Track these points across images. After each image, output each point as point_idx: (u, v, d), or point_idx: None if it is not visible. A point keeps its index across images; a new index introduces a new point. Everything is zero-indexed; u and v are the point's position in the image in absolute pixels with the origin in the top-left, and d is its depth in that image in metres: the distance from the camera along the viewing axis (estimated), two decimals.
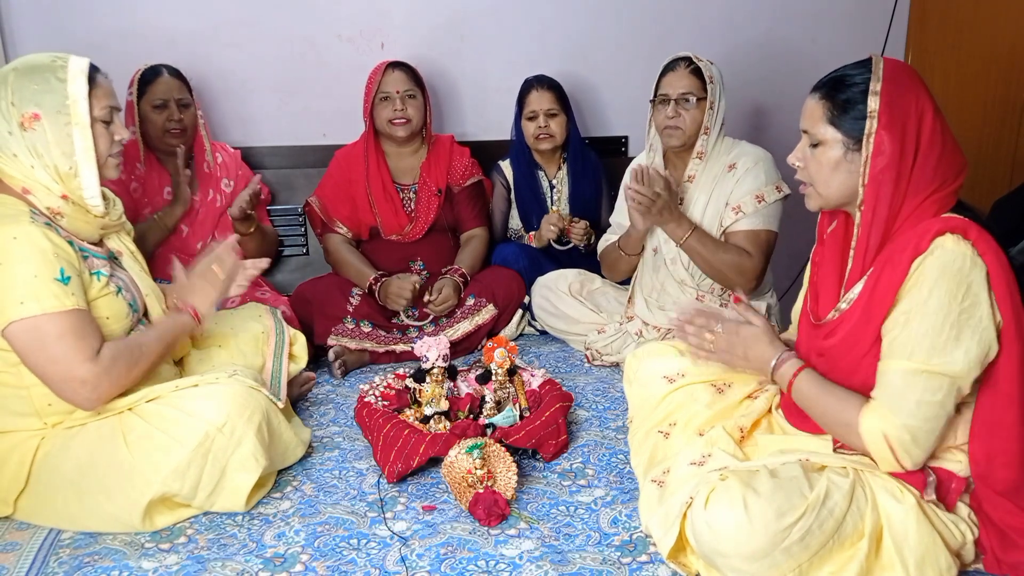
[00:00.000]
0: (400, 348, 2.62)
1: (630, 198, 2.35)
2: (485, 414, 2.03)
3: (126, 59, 2.63)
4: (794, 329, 1.78)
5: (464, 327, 2.68)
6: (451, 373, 2.10)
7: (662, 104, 2.42)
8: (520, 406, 2.07)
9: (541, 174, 3.01)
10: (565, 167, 3.00)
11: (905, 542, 1.37)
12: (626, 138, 3.32)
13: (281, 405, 1.89)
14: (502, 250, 2.94)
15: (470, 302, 2.73)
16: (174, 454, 1.64)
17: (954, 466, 1.46)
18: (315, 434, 2.10)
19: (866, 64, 1.46)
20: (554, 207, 2.98)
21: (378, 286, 2.69)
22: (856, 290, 1.47)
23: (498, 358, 2.10)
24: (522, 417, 2.02)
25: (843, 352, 1.49)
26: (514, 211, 3.05)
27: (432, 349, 2.05)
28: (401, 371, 2.29)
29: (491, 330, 2.73)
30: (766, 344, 1.57)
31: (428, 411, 2.01)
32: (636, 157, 2.69)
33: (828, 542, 1.36)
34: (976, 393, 1.42)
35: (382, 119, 2.78)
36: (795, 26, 3.32)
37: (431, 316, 2.71)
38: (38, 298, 1.57)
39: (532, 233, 2.97)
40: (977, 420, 1.43)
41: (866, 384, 1.46)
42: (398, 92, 2.74)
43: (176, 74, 2.69)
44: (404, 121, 2.76)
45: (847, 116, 1.44)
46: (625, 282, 2.72)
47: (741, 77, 3.11)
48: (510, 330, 2.78)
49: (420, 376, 2.07)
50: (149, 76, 2.64)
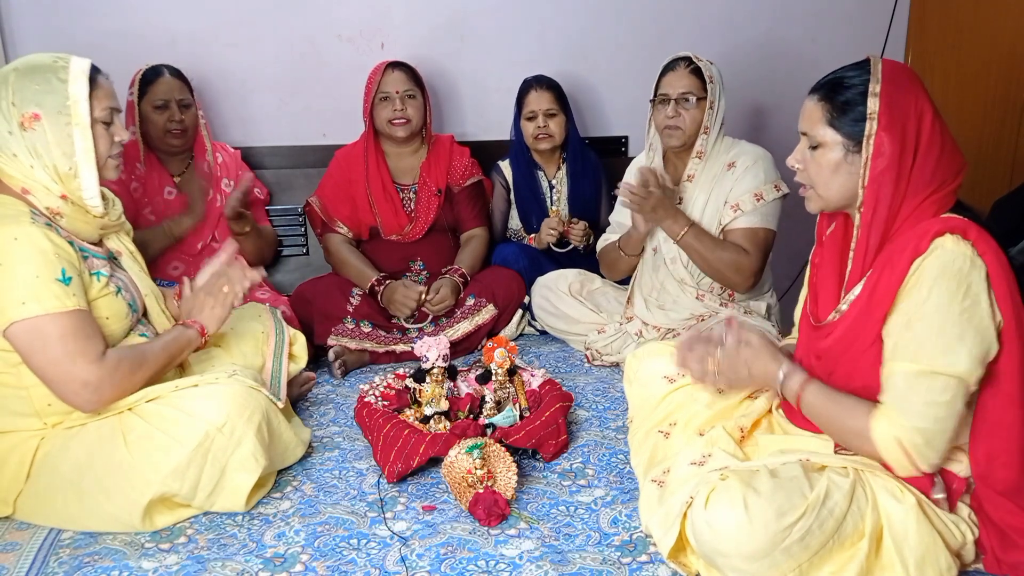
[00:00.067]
0: (400, 348, 2.62)
1: (622, 195, 2.36)
2: (485, 414, 2.03)
3: (126, 59, 2.63)
4: (796, 332, 1.78)
5: (464, 327, 2.68)
6: (451, 373, 2.10)
7: (662, 104, 2.42)
8: (520, 406, 2.07)
9: (540, 174, 3.01)
10: (564, 167, 3.00)
11: (905, 542, 1.37)
12: (626, 138, 3.32)
13: (281, 405, 1.88)
14: (502, 250, 2.94)
15: (470, 302, 2.73)
16: (174, 454, 1.63)
17: (955, 466, 1.46)
18: (315, 434, 2.10)
19: (864, 65, 1.46)
20: (553, 207, 2.98)
21: (381, 289, 2.69)
22: (856, 291, 1.47)
23: (498, 358, 2.10)
24: (522, 417, 2.02)
25: (842, 353, 1.49)
26: (514, 211, 3.05)
27: (432, 349, 2.05)
28: (401, 371, 2.29)
29: (491, 330, 2.73)
30: (768, 360, 1.56)
31: (428, 411, 2.01)
32: (636, 157, 2.69)
33: (828, 542, 1.36)
34: (977, 393, 1.42)
35: (382, 119, 2.78)
36: (795, 26, 3.32)
37: (430, 316, 2.71)
38: (39, 299, 1.57)
39: (532, 236, 2.97)
40: (978, 420, 1.43)
41: (867, 387, 1.46)
42: (398, 92, 2.74)
43: (177, 74, 2.69)
44: (404, 121, 2.76)
45: (846, 118, 1.44)
46: (625, 281, 2.72)
47: (741, 77, 3.11)
48: (510, 330, 2.78)
49: (420, 376, 2.07)
50: (150, 76, 2.64)
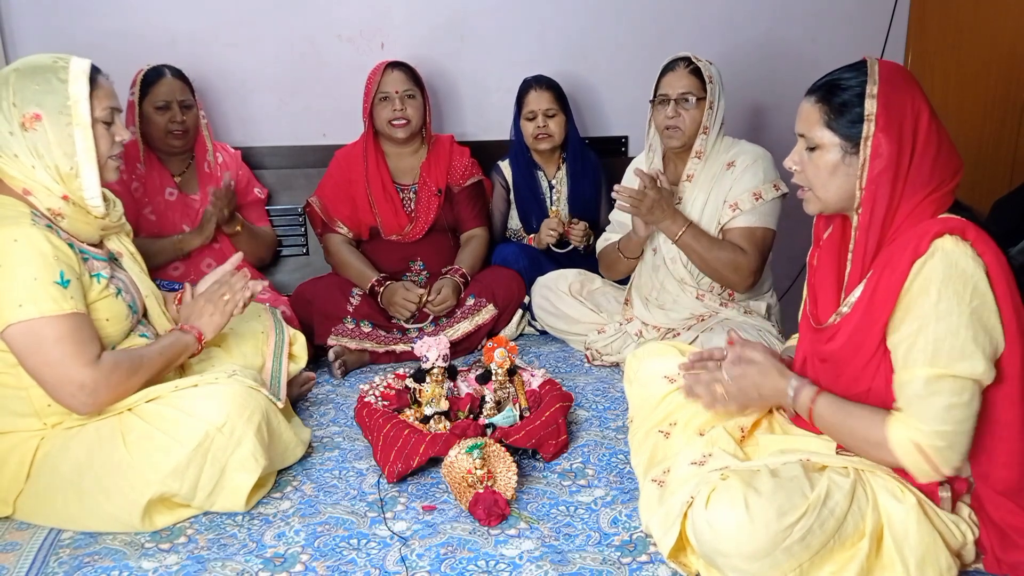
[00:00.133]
0: (400, 348, 2.62)
1: (617, 198, 2.36)
2: (485, 414, 2.03)
3: (126, 59, 2.63)
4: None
5: (464, 327, 2.68)
6: (451, 373, 2.10)
7: (662, 104, 2.42)
8: (520, 406, 2.07)
9: (540, 174, 3.01)
10: (564, 167, 3.00)
11: (906, 542, 1.37)
12: (626, 138, 3.32)
13: (281, 405, 1.89)
14: (502, 250, 2.94)
15: (470, 302, 2.72)
16: (174, 454, 1.63)
17: None
18: (315, 434, 2.10)
19: (860, 67, 1.45)
20: (553, 207, 2.98)
21: (382, 289, 2.69)
22: (856, 294, 1.47)
23: (498, 358, 2.10)
24: (522, 417, 2.02)
25: (846, 357, 1.48)
26: (513, 211, 3.05)
27: (432, 349, 2.05)
28: (401, 371, 2.29)
29: (491, 330, 2.73)
30: (776, 376, 1.55)
31: (428, 411, 2.01)
32: (636, 157, 2.69)
33: (829, 542, 1.36)
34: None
35: (382, 119, 2.78)
36: (795, 26, 3.32)
37: (431, 316, 2.71)
38: (36, 301, 1.57)
39: (532, 236, 2.97)
40: (978, 419, 1.42)
41: (872, 390, 1.46)
42: (397, 92, 2.74)
43: (179, 75, 2.68)
44: (404, 122, 2.76)
45: (844, 119, 1.44)
46: (625, 281, 2.72)
47: (741, 77, 3.11)
48: (510, 330, 2.78)
49: (420, 376, 2.07)
50: (152, 77, 2.63)
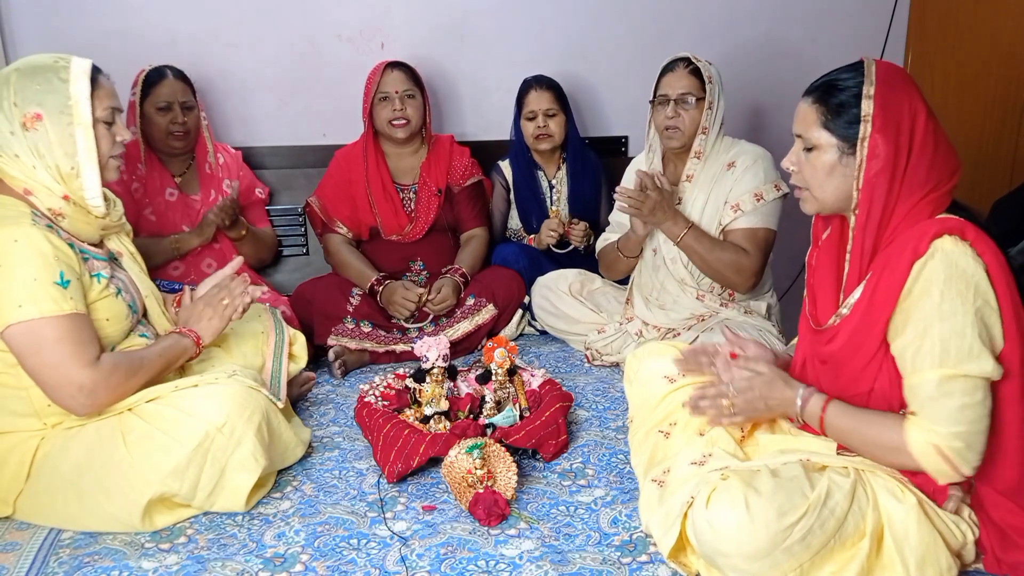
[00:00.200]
0: (400, 348, 2.62)
1: (619, 200, 2.36)
2: (485, 414, 2.03)
3: (126, 59, 2.63)
4: None
5: (464, 327, 2.68)
6: (451, 373, 2.10)
7: (661, 105, 2.42)
8: (520, 406, 2.07)
9: (540, 174, 3.01)
10: (564, 167, 3.00)
11: (906, 542, 1.37)
12: (626, 138, 3.32)
13: (281, 405, 1.89)
14: (502, 250, 2.94)
15: (470, 302, 2.72)
16: (174, 454, 1.63)
17: None
18: (315, 434, 2.10)
19: (857, 67, 1.46)
20: (553, 207, 2.98)
21: (381, 289, 2.69)
22: (856, 295, 1.47)
23: (498, 358, 2.10)
24: (522, 417, 2.02)
25: (847, 358, 1.48)
26: (513, 211, 3.05)
27: (432, 349, 2.05)
28: (401, 371, 2.29)
29: (491, 330, 2.73)
30: (782, 387, 1.55)
31: (428, 411, 2.01)
32: (635, 157, 2.69)
33: (829, 542, 1.36)
34: None
35: (381, 119, 2.78)
36: (795, 26, 3.32)
37: (431, 316, 2.71)
38: (36, 302, 1.57)
39: (532, 236, 2.97)
40: None
41: (873, 391, 1.46)
42: (397, 92, 2.74)
43: (181, 76, 2.68)
44: (404, 122, 2.76)
45: (840, 120, 1.44)
46: (625, 281, 2.72)
47: (741, 77, 3.11)
48: (510, 330, 2.78)
49: (420, 376, 2.07)
50: (154, 78, 2.63)
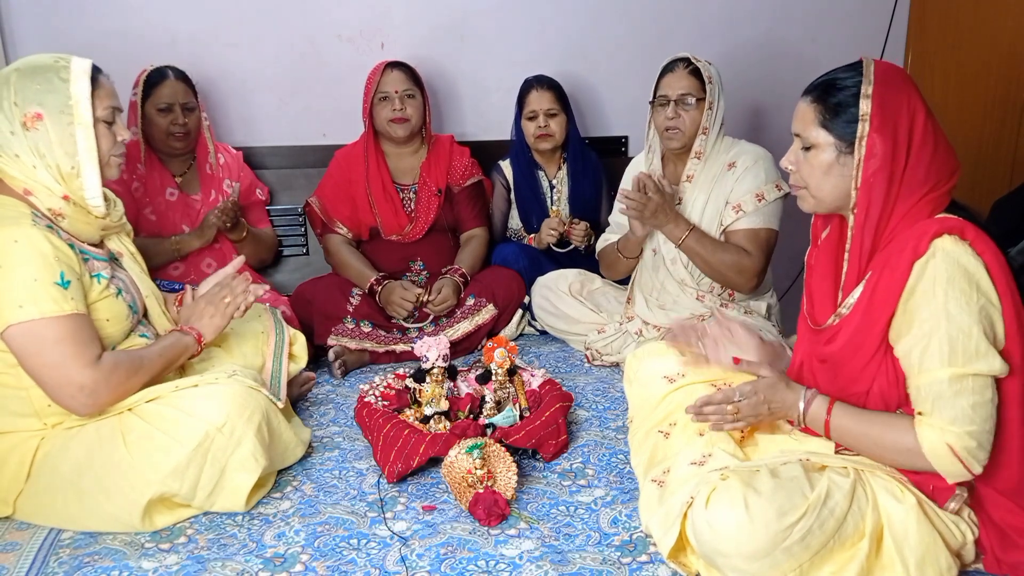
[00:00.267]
0: (400, 348, 2.62)
1: (620, 203, 2.36)
2: (485, 414, 2.03)
3: (126, 59, 2.63)
4: None
5: (464, 327, 2.68)
6: (451, 373, 2.11)
7: (661, 106, 2.42)
8: (520, 406, 2.07)
9: (541, 174, 3.01)
10: (565, 167, 3.00)
11: (905, 542, 1.37)
12: (626, 138, 3.32)
13: (281, 405, 1.88)
14: (502, 250, 2.94)
15: (470, 302, 2.72)
16: (174, 454, 1.63)
17: None
18: (315, 434, 2.10)
19: (857, 67, 1.46)
20: (554, 207, 2.98)
21: (380, 288, 2.69)
22: (855, 295, 1.47)
23: (498, 358, 2.10)
24: (522, 417, 2.02)
25: (846, 358, 1.48)
26: (514, 211, 3.05)
27: (432, 349, 2.05)
28: (401, 371, 2.29)
29: (491, 330, 2.73)
30: (784, 390, 1.54)
31: (428, 411, 2.01)
32: (635, 157, 2.69)
33: (829, 542, 1.36)
34: None
35: (381, 119, 2.78)
36: (795, 26, 3.32)
37: (431, 316, 2.71)
38: (37, 302, 1.57)
39: (532, 236, 2.97)
40: None
41: (871, 390, 1.46)
42: (397, 92, 2.74)
43: (182, 77, 2.68)
44: (403, 120, 2.76)
45: (839, 119, 1.44)
46: (625, 281, 2.72)
47: (741, 77, 3.11)
48: (510, 330, 2.78)
49: (420, 376, 2.07)
50: (155, 78, 2.63)
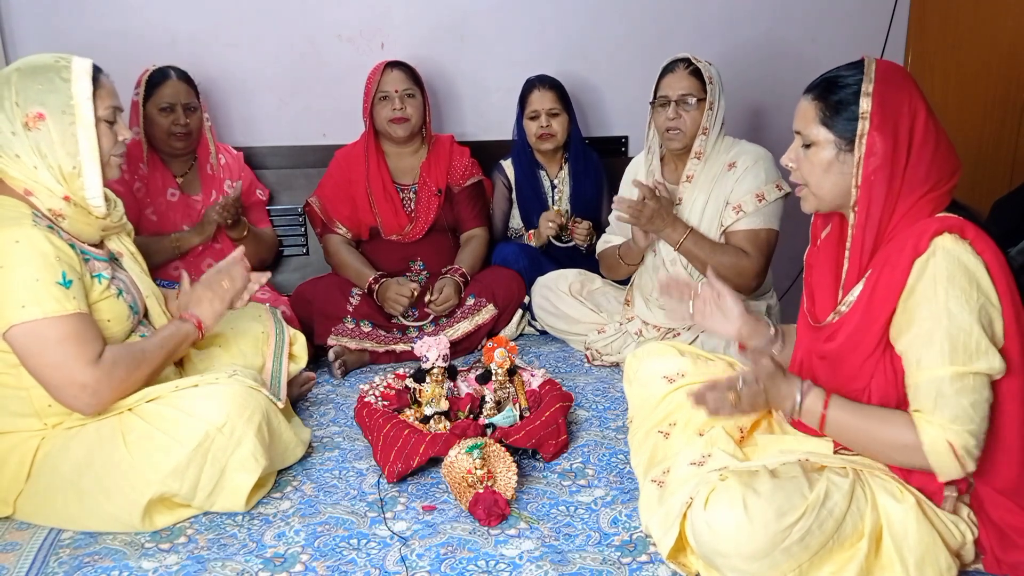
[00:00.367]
0: (400, 348, 2.63)
1: (616, 209, 2.35)
2: (485, 414, 2.03)
3: (126, 59, 2.63)
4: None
5: (464, 327, 2.69)
6: (451, 373, 2.11)
7: (662, 106, 2.42)
8: (520, 406, 2.07)
9: (543, 174, 3.01)
10: (567, 167, 3.00)
11: (905, 542, 1.37)
12: (626, 138, 3.32)
13: (281, 405, 1.89)
14: (502, 250, 2.94)
15: (470, 302, 2.73)
16: (174, 454, 1.63)
17: None
18: (315, 434, 2.10)
19: (858, 65, 1.46)
20: (555, 207, 2.98)
21: (377, 287, 2.69)
22: (855, 293, 1.47)
23: (498, 358, 2.10)
24: (522, 417, 2.02)
25: (846, 355, 1.48)
26: (515, 211, 3.05)
27: (432, 349, 2.05)
28: (401, 371, 2.29)
29: (491, 330, 2.73)
30: (782, 379, 1.51)
31: (428, 411, 2.01)
32: (635, 158, 2.69)
33: (828, 542, 1.36)
34: None
35: (381, 119, 2.78)
36: (795, 26, 3.32)
37: (431, 316, 2.71)
38: (39, 302, 1.57)
39: (531, 232, 2.97)
40: None
41: (869, 387, 1.46)
42: (397, 91, 2.74)
43: (184, 78, 2.68)
44: (403, 120, 2.76)
45: (839, 117, 1.44)
46: (625, 281, 2.72)
47: (741, 77, 3.11)
48: (510, 330, 2.78)
49: (420, 376, 2.07)
50: (157, 78, 2.63)
